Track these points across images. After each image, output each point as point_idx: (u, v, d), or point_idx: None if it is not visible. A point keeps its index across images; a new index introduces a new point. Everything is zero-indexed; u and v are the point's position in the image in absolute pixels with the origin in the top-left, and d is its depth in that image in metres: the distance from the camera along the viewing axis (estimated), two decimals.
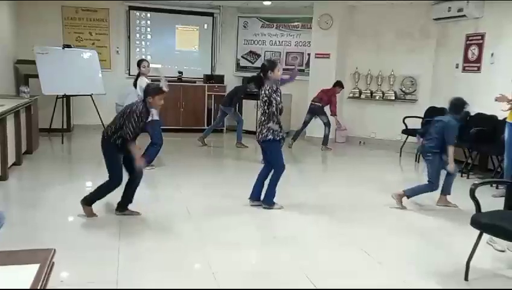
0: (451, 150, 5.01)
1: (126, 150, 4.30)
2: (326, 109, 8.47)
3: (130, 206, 4.53)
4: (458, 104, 5.15)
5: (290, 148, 8.32)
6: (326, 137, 8.63)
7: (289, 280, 3.35)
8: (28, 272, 1.54)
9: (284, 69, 5.29)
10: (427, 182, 5.13)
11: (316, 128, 8.86)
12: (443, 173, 5.19)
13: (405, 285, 3.29)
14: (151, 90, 4.40)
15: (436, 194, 5.24)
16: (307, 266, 3.53)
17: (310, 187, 6.27)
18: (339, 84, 8.57)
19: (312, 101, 8.60)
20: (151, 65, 6.78)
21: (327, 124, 8.57)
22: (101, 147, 4.39)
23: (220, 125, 9.21)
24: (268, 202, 4.86)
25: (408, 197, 5.12)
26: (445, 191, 5.27)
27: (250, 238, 4.24)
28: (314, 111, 8.57)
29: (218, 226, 4.39)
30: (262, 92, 4.69)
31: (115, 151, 4.31)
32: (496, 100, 5.53)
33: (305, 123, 8.71)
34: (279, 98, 4.65)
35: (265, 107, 4.67)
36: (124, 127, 4.20)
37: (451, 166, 5.05)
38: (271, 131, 4.67)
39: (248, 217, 4.72)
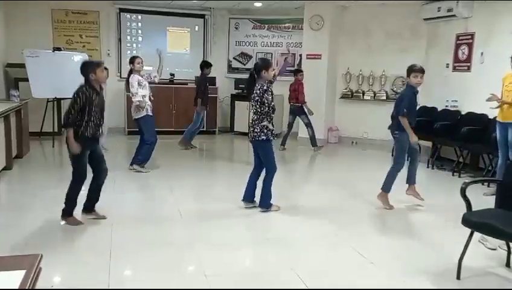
0: (402, 120, 4.87)
1: (94, 142, 4.17)
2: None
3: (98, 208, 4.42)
4: (407, 69, 4.99)
5: (282, 151, 8.33)
6: (312, 138, 8.57)
7: (281, 280, 3.34)
8: (13, 279, 1.51)
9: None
10: (392, 165, 5.10)
11: (304, 128, 8.84)
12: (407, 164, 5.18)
13: (398, 285, 3.29)
14: (90, 66, 4.13)
15: (424, 193, 5.25)
16: (299, 266, 3.52)
17: (302, 188, 6.27)
18: (297, 72, 8.52)
19: (289, 101, 8.57)
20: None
21: (308, 125, 8.50)
22: (66, 143, 4.15)
23: (199, 125, 8.51)
24: (266, 205, 4.83)
25: (387, 192, 5.09)
26: (410, 180, 5.22)
27: (242, 239, 4.23)
28: (294, 112, 8.54)
29: (211, 228, 4.38)
30: (254, 91, 4.67)
31: (82, 145, 4.07)
32: (487, 100, 5.55)
33: (290, 125, 8.67)
34: (270, 98, 4.64)
35: (257, 106, 4.65)
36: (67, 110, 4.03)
37: (412, 138, 4.89)
38: (264, 131, 4.65)
39: (240, 218, 4.71)
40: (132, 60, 6.38)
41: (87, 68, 4.13)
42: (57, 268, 3.31)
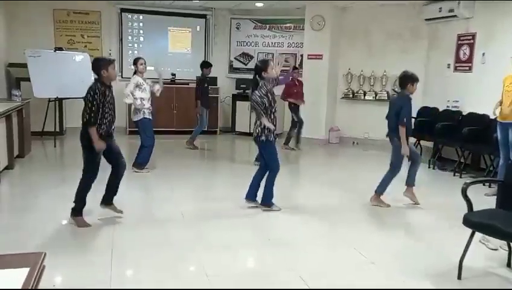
0: (401, 130, 4.87)
1: (109, 139, 4.17)
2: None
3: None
4: (404, 77, 5.02)
5: (294, 150, 8.38)
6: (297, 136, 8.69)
7: (281, 280, 3.35)
8: (17, 276, 1.52)
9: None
10: (389, 169, 5.09)
11: (305, 128, 8.84)
12: (407, 164, 5.17)
13: (398, 285, 3.29)
14: (102, 62, 4.12)
15: (425, 193, 5.25)
16: (299, 267, 3.54)
17: (302, 188, 6.28)
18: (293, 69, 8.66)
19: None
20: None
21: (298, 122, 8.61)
22: (80, 141, 4.15)
23: (204, 126, 8.56)
24: (267, 203, 4.86)
25: (381, 194, 5.11)
26: (409, 181, 5.21)
27: (243, 239, 4.22)
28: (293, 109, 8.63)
29: (211, 228, 4.38)
30: (257, 91, 4.67)
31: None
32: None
33: (300, 122, 8.71)
34: (265, 99, 4.61)
35: (256, 107, 4.66)
36: (84, 112, 4.02)
37: (404, 148, 4.91)
38: (265, 131, 4.67)
39: (240, 219, 4.71)
40: (135, 61, 6.33)
41: (99, 65, 4.12)
42: (59, 268, 3.31)
